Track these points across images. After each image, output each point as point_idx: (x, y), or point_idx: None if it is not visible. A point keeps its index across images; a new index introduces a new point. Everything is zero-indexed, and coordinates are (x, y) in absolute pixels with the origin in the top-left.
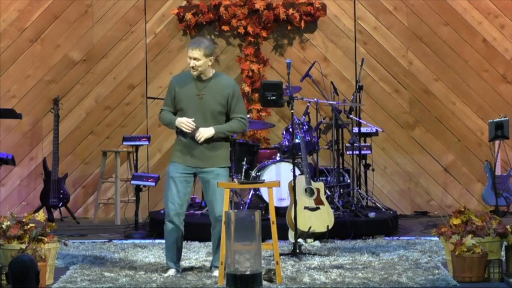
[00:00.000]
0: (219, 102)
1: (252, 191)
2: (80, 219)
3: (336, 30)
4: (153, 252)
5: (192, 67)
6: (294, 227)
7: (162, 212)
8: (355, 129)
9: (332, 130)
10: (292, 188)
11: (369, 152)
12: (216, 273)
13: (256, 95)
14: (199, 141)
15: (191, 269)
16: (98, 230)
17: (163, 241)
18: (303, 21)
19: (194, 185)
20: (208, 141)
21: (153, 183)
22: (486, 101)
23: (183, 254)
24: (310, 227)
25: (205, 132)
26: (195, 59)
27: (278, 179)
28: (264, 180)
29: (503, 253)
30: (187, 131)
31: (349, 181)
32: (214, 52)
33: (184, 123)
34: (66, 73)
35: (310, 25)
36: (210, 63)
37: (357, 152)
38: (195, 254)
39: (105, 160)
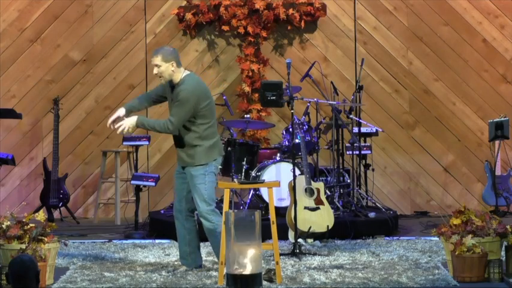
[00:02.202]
0: None
1: (252, 191)
2: (80, 219)
3: (336, 30)
4: (153, 252)
5: (156, 74)
6: (294, 227)
7: (162, 212)
8: (355, 129)
9: (332, 130)
10: (292, 188)
11: (369, 152)
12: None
13: (256, 95)
14: (119, 131)
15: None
16: (98, 230)
17: (163, 241)
18: (303, 21)
19: None
20: (184, 141)
21: (153, 183)
22: (486, 101)
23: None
24: (310, 227)
25: (127, 121)
26: (156, 65)
27: (278, 179)
28: (264, 180)
29: (503, 253)
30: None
31: (349, 181)
32: (176, 57)
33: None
34: (66, 73)
35: (310, 25)
36: (172, 68)
37: (357, 152)
38: None
39: (105, 160)
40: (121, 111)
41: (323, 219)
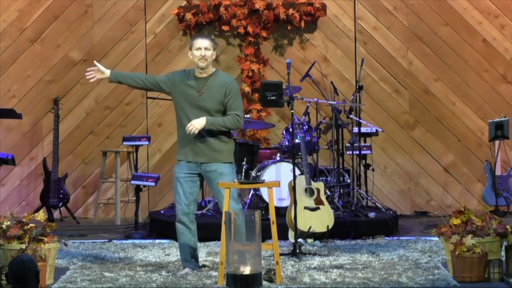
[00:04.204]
0: (216, 100)
1: (252, 191)
2: (80, 219)
3: (336, 30)
4: (153, 252)
5: (203, 56)
6: (294, 227)
7: (162, 212)
8: (355, 129)
9: (332, 130)
10: (292, 188)
11: (369, 152)
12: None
13: (256, 95)
14: (191, 133)
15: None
16: (98, 230)
17: (163, 241)
18: (303, 21)
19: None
20: (210, 135)
21: (153, 183)
22: (486, 101)
23: None
24: (310, 227)
25: (197, 123)
26: (206, 48)
27: (278, 179)
28: (264, 180)
29: (503, 253)
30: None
31: (349, 181)
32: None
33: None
34: (66, 73)
35: (310, 25)
36: (214, 57)
37: (357, 152)
38: None
39: (105, 160)
40: (105, 69)
41: (323, 219)
